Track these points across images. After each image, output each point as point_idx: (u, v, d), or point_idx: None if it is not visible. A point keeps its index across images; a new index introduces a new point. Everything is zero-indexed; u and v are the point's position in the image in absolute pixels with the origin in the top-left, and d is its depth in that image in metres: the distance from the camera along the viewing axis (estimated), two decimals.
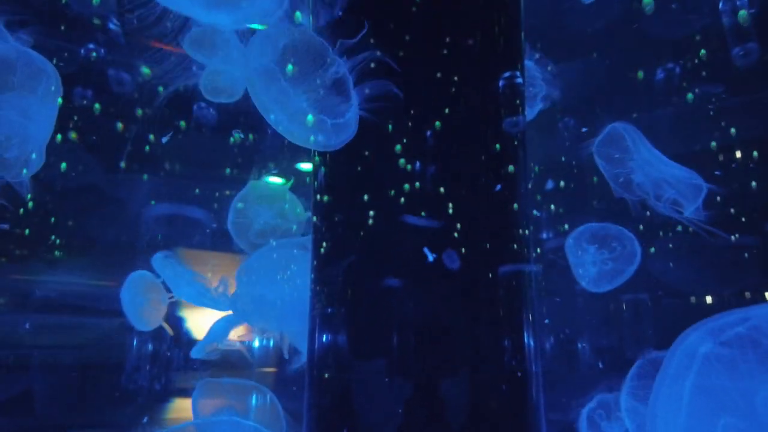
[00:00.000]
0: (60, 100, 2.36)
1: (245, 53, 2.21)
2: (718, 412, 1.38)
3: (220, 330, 3.19)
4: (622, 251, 2.56)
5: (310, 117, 2.12)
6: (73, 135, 2.32)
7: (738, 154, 3.78)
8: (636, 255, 2.57)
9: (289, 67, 2.14)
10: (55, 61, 2.36)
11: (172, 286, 3.10)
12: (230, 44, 2.49)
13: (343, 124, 2.17)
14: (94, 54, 3.94)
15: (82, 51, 3.95)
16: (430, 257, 2.25)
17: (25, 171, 2.28)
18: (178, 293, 3.09)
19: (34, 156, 2.29)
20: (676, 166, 2.55)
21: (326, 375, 2.39)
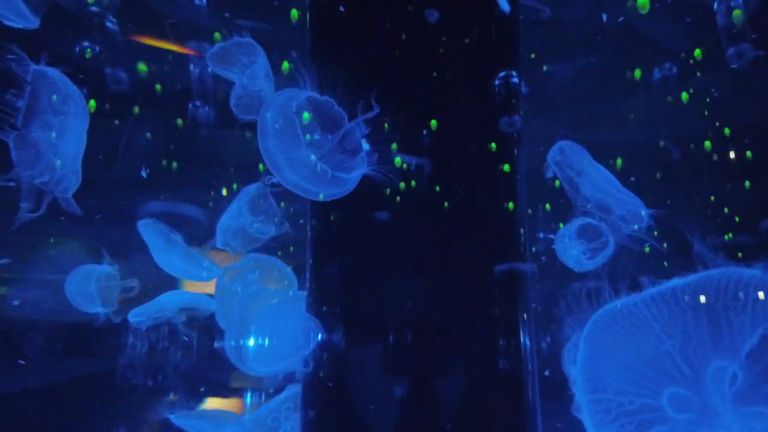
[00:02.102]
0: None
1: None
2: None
3: (168, 302, 3.15)
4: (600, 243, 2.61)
5: (312, 157, 2.13)
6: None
7: (732, 154, 3.80)
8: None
9: (306, 116, 2.14)
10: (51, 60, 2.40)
11: (158, 255, 3.03)
12: (257, 61, 2.51)
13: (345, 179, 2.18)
14: (90, 52, 3.94)
15: (78, 49, 3.94)
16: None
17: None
18: (165, 264, 3.02)
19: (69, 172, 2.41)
20: (622, 191, 2.60)
21: (321, 373, 2.40)
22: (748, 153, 3.76)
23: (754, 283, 1.38)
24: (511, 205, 2.53)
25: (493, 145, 2.48)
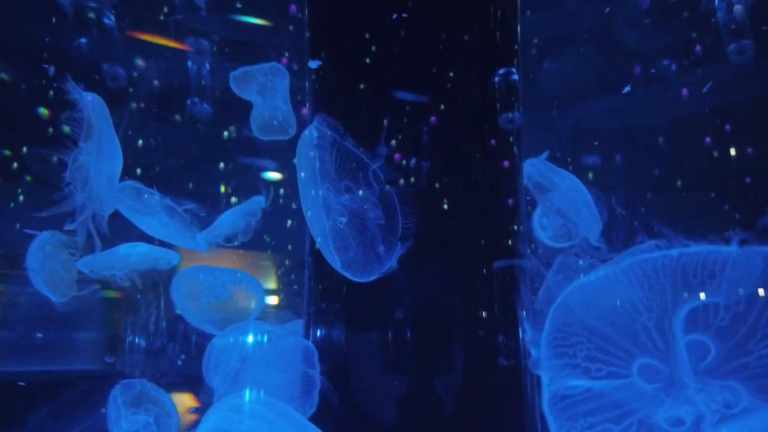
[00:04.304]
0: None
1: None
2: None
3: (124, 255, 2.88)
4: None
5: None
6: (66, 129, 2.37)
7: (732, 151, 3.80)
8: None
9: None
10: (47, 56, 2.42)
11: (140, 216, 2.93)
12: (276, 83, 2.54)
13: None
14: (87, 48, 3.93)
15: (77, 46, 3.93)
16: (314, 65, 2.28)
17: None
18: (149, 225, 2.91)
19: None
20: (593, 211, 2.63)
21: (325, 368, 2.40)
22: (749, 149, 3.77)
23: (732, 260, 1.42)
24: (510, 201, 2.52)
25: (493, 141, 2.48)
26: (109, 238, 2.64)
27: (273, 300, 5.45)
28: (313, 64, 2.39)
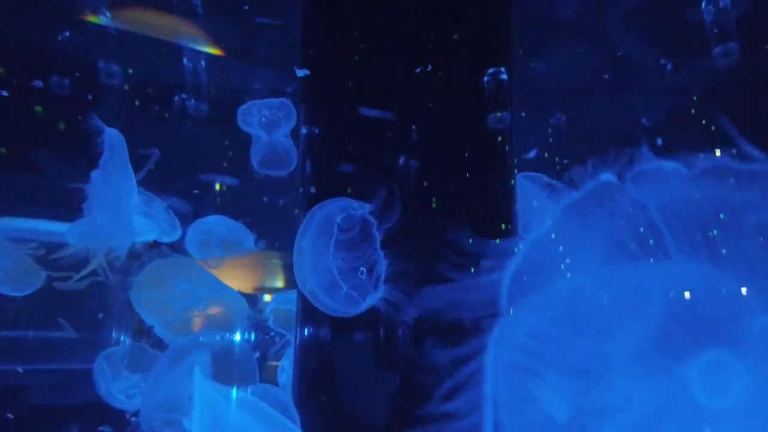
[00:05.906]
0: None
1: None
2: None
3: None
4: None
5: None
6: (61, 125, 2.40)
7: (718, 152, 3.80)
8: None
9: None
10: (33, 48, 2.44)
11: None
12: (279, 121, 2.56)
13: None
14: (83, 45, 3.94)
15: (71, 42, 3.94)
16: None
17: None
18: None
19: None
20: None
21: (309, 368, 2.41)
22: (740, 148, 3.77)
23: None
24: (501, 200, 2.53)
25: (482, 141, 2.49)
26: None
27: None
28: (300, 73, 2.41)
